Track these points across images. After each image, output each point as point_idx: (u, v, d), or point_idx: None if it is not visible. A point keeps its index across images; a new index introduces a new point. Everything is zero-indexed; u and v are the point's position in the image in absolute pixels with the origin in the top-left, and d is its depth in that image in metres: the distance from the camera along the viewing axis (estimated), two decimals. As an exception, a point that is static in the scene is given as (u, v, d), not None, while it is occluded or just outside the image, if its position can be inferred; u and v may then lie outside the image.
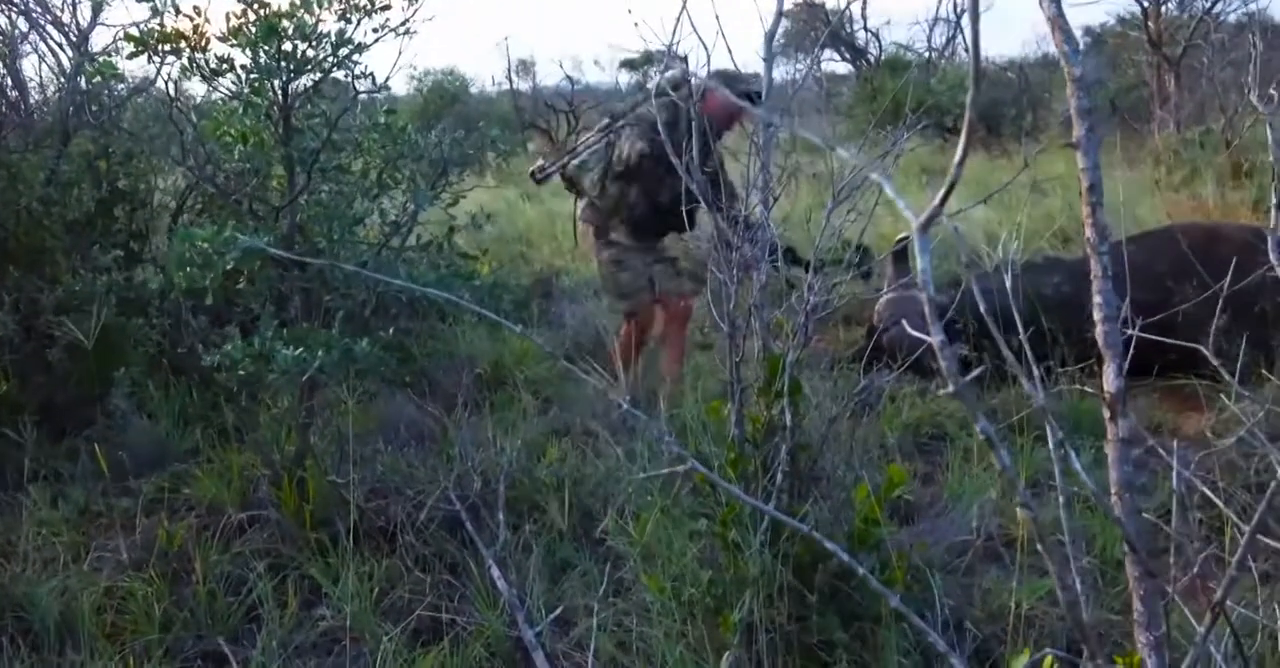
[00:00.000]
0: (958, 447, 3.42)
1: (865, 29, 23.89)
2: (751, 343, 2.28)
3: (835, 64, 25.67)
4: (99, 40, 5.64)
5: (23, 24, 4.92)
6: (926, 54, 25.08)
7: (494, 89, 21.51)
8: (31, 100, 4.85)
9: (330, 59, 2.83)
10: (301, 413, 2.85)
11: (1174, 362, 3.74)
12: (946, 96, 15.83)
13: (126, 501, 3.25)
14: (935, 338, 1.02)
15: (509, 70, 19.74)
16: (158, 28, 2.84)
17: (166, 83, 2.90)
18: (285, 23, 2.75)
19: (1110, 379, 1.22)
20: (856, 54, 23.77)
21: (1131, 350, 3.67)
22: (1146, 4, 11.71)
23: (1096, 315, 1.20)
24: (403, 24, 2.96)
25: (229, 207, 3.54)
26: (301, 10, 2.81)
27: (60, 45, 4.98)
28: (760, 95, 4.72)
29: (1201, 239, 4.30)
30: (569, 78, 18.85)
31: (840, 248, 4.55)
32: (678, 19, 2.33)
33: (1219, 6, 12.41)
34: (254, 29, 2.78)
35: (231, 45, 2.85)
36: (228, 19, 2.75)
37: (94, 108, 4.55)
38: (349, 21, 2.89)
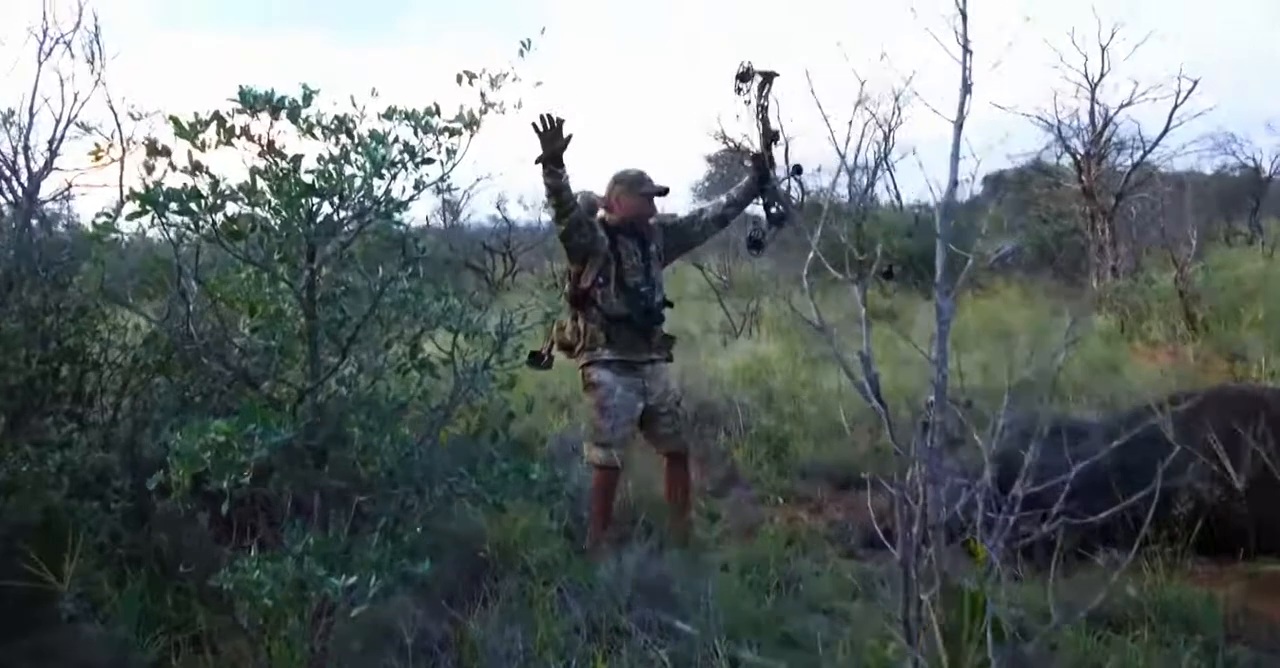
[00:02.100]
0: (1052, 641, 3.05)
1: (789, 176, 24.57)
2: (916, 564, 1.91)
3: (757, 207, 26.30)
4: (49, 187, 5.26)
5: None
6: (846, 199, 25.87)
7: (415, 228, 21.29)
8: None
9: (365, 218, 2.48)
10: (315, 641, 2.36)
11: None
12: (881, 241, 16.16)
13: (83, 736, 2.68)
14: None
15: (443, 211, 19.62)
16: (158, 181, 2.47)
17: (175, 246, 2.50)
18: (318, 180, 2.41)
19: None
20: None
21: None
22: (1079, 157, 12.15)
23: None
24: (442, 178, 2.65)
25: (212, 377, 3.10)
26: (332, 166, 2.48)
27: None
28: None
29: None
30: (505, 219, 18.83)
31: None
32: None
33: (1122, 157, 12.98)
34: (278, 187, 2.43)
35: (246, 203, 2.49)
36: (252, 176, 2.40)
37: (38, 257, 4.11)
38: (382, 176, 2.57)
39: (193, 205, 2.38)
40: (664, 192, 4.48)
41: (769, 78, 4.43)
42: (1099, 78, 12.30)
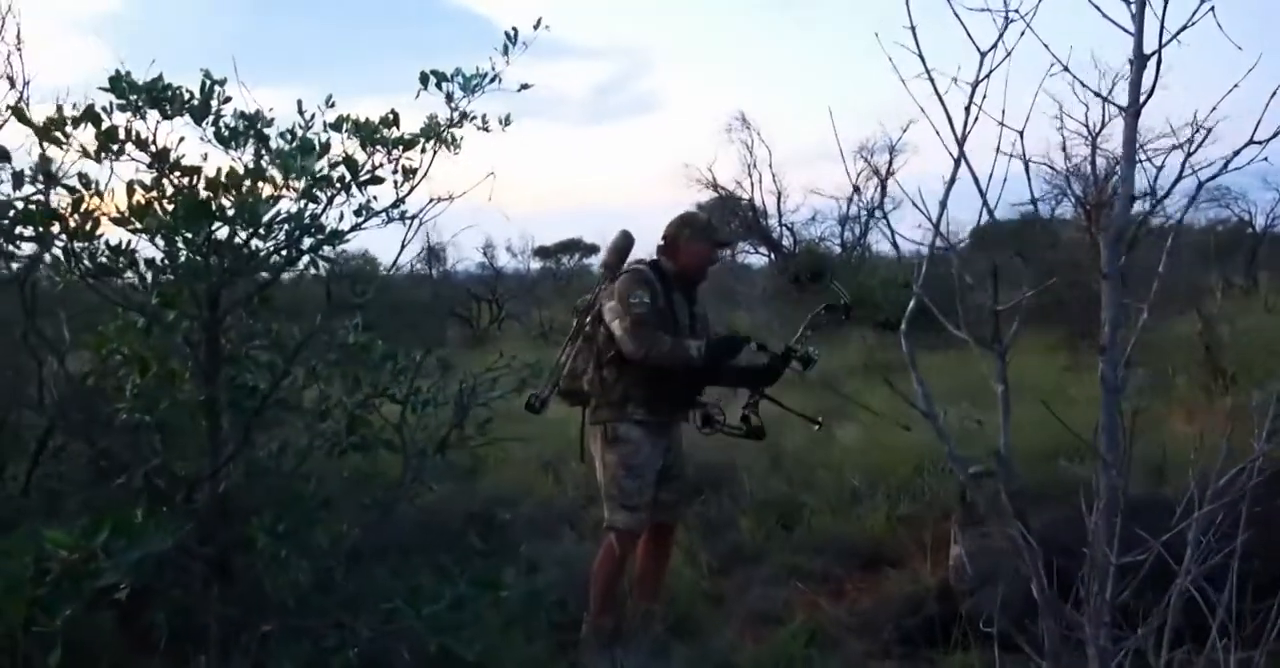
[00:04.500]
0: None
1: (780, 224, 24.32)
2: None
3: (748, 255, 26.01)
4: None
5: None
6: (839, 247, 25.49)
7: (400, 273, 20.68)
8: None
9: (289, 252, 1.89)
10: None
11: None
12: (879, 291, 15.68)
13: None
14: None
15: (427, 257, 19.07)
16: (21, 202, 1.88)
17: (21, 284, 1.89)
18: (223, 199, 1.82)
19: None
20: (772, 246, 24.01)
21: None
22: (1089, 206, 11.72)
23: None
24: (395, 205, 2.07)
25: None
26: (248, 181, 1.90)
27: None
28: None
29: None
30: (493, 266, 18.29)
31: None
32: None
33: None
34: (171, 207, 1.84)
35: (133, 230, 1.90)
36: (130, 191, 1.81)
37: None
38: (316, 199, 1.98)
39: (55, 229, 1.78)
40: (732, 243, 4.00)
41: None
42: (1100, 127, 11.90)
